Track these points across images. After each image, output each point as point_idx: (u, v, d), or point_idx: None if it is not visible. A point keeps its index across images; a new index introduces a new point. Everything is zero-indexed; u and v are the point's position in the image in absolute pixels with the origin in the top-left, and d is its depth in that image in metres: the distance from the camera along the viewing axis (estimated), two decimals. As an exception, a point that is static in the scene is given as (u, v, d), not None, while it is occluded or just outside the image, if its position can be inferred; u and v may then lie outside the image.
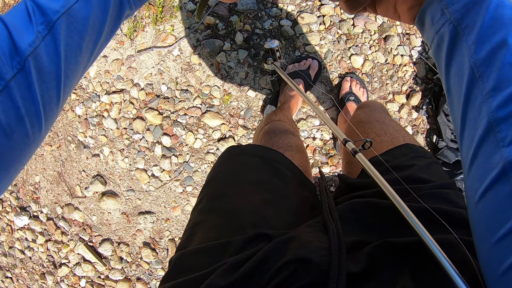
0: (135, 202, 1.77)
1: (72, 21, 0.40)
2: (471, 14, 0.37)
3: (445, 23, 0.39)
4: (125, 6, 0.47)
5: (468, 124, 0.36)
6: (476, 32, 0.36)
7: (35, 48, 0.37)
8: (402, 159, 0.67)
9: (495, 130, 0.32)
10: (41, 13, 0.38)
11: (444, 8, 0.39)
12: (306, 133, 1.62)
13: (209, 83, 1.62)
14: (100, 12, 0.43)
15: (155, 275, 1.81)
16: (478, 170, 0.33)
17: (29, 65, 0.37)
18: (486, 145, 0.33)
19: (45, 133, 0.41)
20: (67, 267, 1.88)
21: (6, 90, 0.35)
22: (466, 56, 0.36)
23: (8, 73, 0.35)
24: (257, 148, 0.81)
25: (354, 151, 0.57)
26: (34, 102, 0.37)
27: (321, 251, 0.44)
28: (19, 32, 0.37)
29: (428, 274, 0.40)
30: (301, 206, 0.65)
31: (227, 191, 0.65)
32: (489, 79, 0.34)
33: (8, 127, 0.35)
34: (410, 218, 0.42)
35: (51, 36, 0.38)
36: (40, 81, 0.38)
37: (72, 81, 0.43)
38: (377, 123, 0.86)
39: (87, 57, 0.45)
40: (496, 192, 0.30)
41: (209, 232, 0.56)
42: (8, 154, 0.36)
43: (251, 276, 0.44)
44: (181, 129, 1.67)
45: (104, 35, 0.46)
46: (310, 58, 1.52)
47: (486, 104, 0.33)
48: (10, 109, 0.35)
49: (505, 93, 0.32)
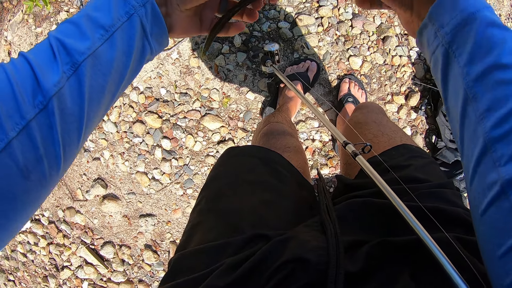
0: (136, 205, 1.78)
1: (97, 64, 0.39)
2: (461, 35, 0.37)
3: (438, 45, 0.40)
4: (147, 51, 0.47)
5: (466, 142, 0.37)
6: (468, 53, 0.36)
7: (60, 89, 0.36)
8: (399, 159, 0.68)
9: (490, 150, 0.32)
10: (67, 53, 0.37)
11: (436, 31, 0.40)
12: (305, 135, 1.63)
13: (208, 86, 1.63)
14: (124, 56, 0.43)
15: (157, 277, 1.81)
16: (479, 187, 0.34)
17: (53, 105, 0.35)
18: (484, 164, 0.33)
19: (62, 173, 0.40)
20: (69, 270, 1.88)
21: (26, 130, 0.34)
22: (459, 77, 0.37)
23: (29, 113, 0.34)
24: (256, 149, 0.81)
25: (354, 154, 0.57)
26: (54, 143, 0.36)
27: (319, 251, 0.44)
28: (43, 71, 0.36)
29: (428, 272, 0.41)
30: (300, 206, 0.66)
31: (225, 192, 0.66)
32: (482, 100, 0.34)
33: (25, 168, 0.34)
34: (409, 217, 0.43)
35: (76, 77, 0.38)
36: (62, 122, 0.37)
37: (93, 122, 0.42)
38: (374, 124, 0.87)
39: (109, 99, 0.44)
40: (497, 209, 0.31)
41: (208, 233, 0.57)
42: (23, 196, 0.35)
43: (250, 277, 0.44)
44: (180, 132, 1.67)
45: (126, 78, 0.45)
46: (308, 60, 1.53)
47: (481, 125, 0.34)
48: (29, 150, 0.34)
49: (499, 114, 0.33)
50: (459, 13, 0.37)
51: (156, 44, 0.47)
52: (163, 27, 0.47)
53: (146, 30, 0.44)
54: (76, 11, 1.70)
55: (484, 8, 0.37)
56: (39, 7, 1.64)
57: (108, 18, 0.40)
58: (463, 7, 0.37)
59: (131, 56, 0.43)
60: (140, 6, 0.42)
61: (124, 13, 0.41)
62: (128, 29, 0.42)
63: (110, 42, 0.40)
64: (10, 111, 0.33)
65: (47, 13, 1.72)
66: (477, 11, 0.36)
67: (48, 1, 1.57)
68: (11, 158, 0.32)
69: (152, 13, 0.44)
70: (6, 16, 1.78)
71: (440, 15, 0.39)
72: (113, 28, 0.40)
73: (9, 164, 0.33)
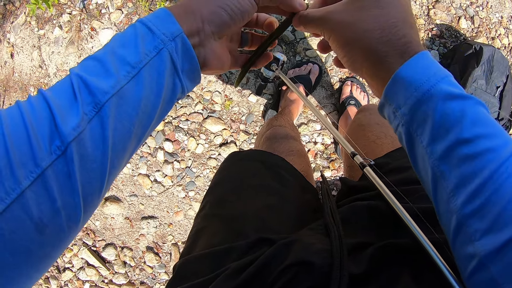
0: (138, 207, 1.78)
1: (122, 104, 0.35)
2: (419, 115, 0.36)
3: (398, 124, 0.39)
4: (178, 89, 0.42)
5: (441, 215, 0.37)
6: (429, 133, 0.36)
7: (80, 133, 0.32)
8: (402, 161, 0.68)
9: (465, 225, 0.32)
10: (89, 92, 0.33)
11: (394, 111, 0.39)
12: (307, 138, 1.63)
13: (210, 89, 1.63)
14: (153, 95, 0.38)
15: (159, 279, 1.81)
16: (460, 255, 0.34)
17: (72, 151, 0.31)
18: (460, 238, 0.33)
19: (81, 226, 0.36)
20: (71, 272, 1.88)
21: (41, 179, 0.30)
22: (425, 155, 0.36)
23: (45, 160, 0.30)
24: (259, 153, 0.81)
25: (362, 165, 0.57)
26: (73, 193, 0.32)
27: (323, 254, 0.44)
28: (62, 114, 0.32)
29: (429, 274, 0.41)
30: (303, 210, 0.66)
31: (229, 196, 0.66)
32: (450, 178, 0.34)
33: (40, 221, 0.30)
34: (408, 221, 0.43)
35: (99, 119, 0.33)
36: (82, 170, 0.33)
37: (117, 169, 0.38)
38: (377, 126, 0.87)
39: (134, 143, 0.39)
40: (480, 278, 0.31)
41: (212, 238, 0.57)
42: (38, 251, 0.31)
43: (254, 281, 0.45)
44: (183, 134, 1.67)
45: (155, 119, 0.41)
46: (310, 62, 1.53)
47: (452, 202, 0.34)
48: (44, 202, 0.30)
49: (468, 190, 0.32)
50: (414, 92, 0.36)
51: (187, 81, 0.43)
52: (194, 62, 0.42)
53: (176, 66, 0.40)
54: (78, 13, 1.71)
55: (439, 82, 0.35)
56: (42, 9, 1.65)
57: (135, 54, 0.37)
58: (417, 85, 0.36)
59: (161, 95, 0.39)
60: (170, 40, 0.38)
61: (152, 48, 0.37)
62: (157, 65, 0.38)
63: (137, 80, 0.36)
64: (23, 158, 0.29)
65: (49, 16, 1.73)
66: (432, 87, 0.35)
67: (50, 4, 1.58)
68: (24, 210, 0.29)
69: (183, 48, 0.40)
70: (9, 18, 1.79)
71: (394, 95, 0.38)
72: (141, 64, 0.37)
73: (22, 217, 0.29)
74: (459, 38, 1.61)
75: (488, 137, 0.33)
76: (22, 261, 0.30)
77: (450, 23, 1.62)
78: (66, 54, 1.74)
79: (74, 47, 1.73)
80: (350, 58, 0.43)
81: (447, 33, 1.61)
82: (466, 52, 1.45)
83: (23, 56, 1.80)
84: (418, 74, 0.36)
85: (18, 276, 0.30)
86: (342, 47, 0.43)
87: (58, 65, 1.75)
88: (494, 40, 1.64)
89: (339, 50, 0.44)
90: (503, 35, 1.65)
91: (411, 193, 0.54)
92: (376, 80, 0.41)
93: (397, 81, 0.37)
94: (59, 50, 1.75)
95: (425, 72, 0.36)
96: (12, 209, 0.28)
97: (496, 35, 1.65)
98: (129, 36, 0.38)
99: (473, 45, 1.45)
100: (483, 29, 1.63)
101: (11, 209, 0.28)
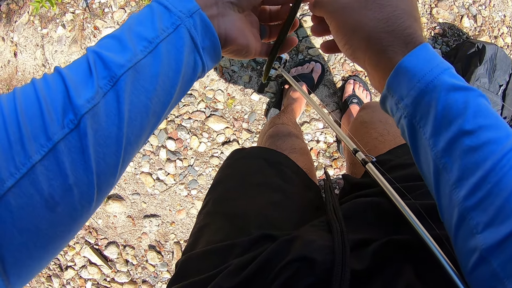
0: (140, 206, 1.79)
1: (139, 78, 0.34)
2: (422, 106, 0.36)
3: (401, 116, 0.39)
4: (199, 67, 0.41)
5: (443, 209, 0.37)
6: (431, 124, 0.35)
7: (94, 106, 0.31)
8: (405, 158, 0.68)
9: (467, 218, 0.32)
10: (104, 67, 0.33)
11: (397, 103, 0.39)
12: (310, 136, 1.63)
13: (212, 87, 1.63)
14: (171, 71, 0.37)
15: (161, 278, 1.81)
16: (461, 250, 0.34)
17: (85, 124, 0.30)
18: (462, 231, 0.33)
19: (96, 206, 0.34)
20: (73, 270, 1.89)
21: (53, 153, 0.29)
22: (427, 147, 0.36)
23: (56, 133, 0.29)
24: (262, 150, 0.81)
25: (364, 162, 0.57)
26: (86, 169, 0.31)
27: (325, 250, 0.44)
28: (77, 87, 0.31)
29: (432, 270, 0.41)
30: (306, 207, 0.66)
31: (232, 194, 0.66)
32: (452, 170, 0.34)
33: (51, 198, 0.29)
34: (410, 217, 0.43)
35: (114, 92, 0.32)
36: (97, 145, 0.31)
37: (134, 148, 0.37)
38: (380, 123, 0.87)
39: (153, 121, 0.38)
40: (481, 272, 0.31)
41: (215, 234, 0.57)
42: (48, 230, 0.30)
43: (256, 277, 0.45)
44: (185, 133, 1.68)
45: (174, 97, 0.40)
46: (313, 61, 1.53)
47: (454, 194, 0.34)
48: (55, 177, 0.29)
49: (470, 183, 0.32)
50: (417, 83, 0.36)
51: (208, 59, 0.42)
52: (215, 39, 0.41)
53: (196, 43, 0.39)
54: (82, 12, 1.71)
55: (442, 73, 0.35)
56: (46, 8, 1.65)
57: (152, 30, 0.36)
58: (420, 76, 0.36)
59: (180, 71, 0.38)
60: (187, 17, 0.38)
61: (169, 24, 0.37)
62: (175, 41, 0.37)
63: (154, 55, 0.36)
64: (35, 131, 0.29)
65: (52, 15, 1.73)
66: (435, 78, 0.35)
67: (54, 2, 1.58)
68: (33, 186, 0.28)
69: (202, 24, 0.39)
70: (13, 18, 1.80)
71: (397, 86, 0.38)
72: (158, 39, 0.36)
73: (31, 193, 0.28)
74: (462, 36, 1.61)
75: (491, 128, 0.33)
76: (30, 240, 0.29)
77: (453, 22, 1.61)
78: (69, 53, 1.75)
79: (77, 46, 1.73)
80: (352, 46, 0.43)
81: (450, 32, 1.61)
82: (469, 51, 1.44)
83: (26, 55, 1.81)
84: (421, 65, 0.36)
85: (25, 258, 0.29)
86: (345, 34, 0.43)
87: (61, 64, 1.76)
88: (497, 38, 1.64)
89: (341, 37, 0.44)
90: (506, 33, 1.65)
91: (413, 190, 0.54)
92: (378, 70, 0.41)
93: (400, 72, 0.37)
94: (62, 49, 1.75)
95: (428, 63, 0.36)
96: (21, 184, 0.27)
97: (499, 33, 1.64)
98: (146, 14, 0.38)
99: (475, 43, 1.44)
100: (485, 27, 1.62)
101: (20, 184, 0.27)
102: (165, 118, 0.41)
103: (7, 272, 0.28)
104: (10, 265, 0.28)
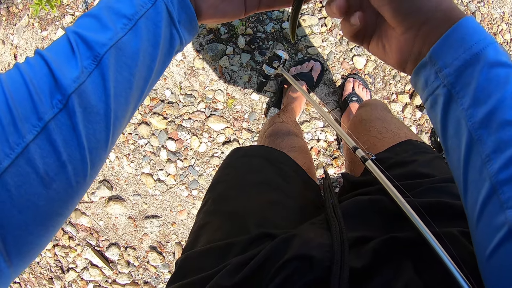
0: (141, 207, 1.79)
1: (121, 55, 0.36)
2: (464, 76, 0.36)
3: (439, 86, 0.38)
4: (176, 40, 0.42)
5: (470, 185, 0.36)
6: (471, 95, 0.35)
7: (80, 85, 0.33)
8: (404, 155, 0.68)
9: (498, 192, 0.32)
10: (87, 47, 0.34)
11: (437, 71, 0.38)
12: (310, 135, 1.63)
13: (212, 87, 1.63)
14: (151, 46, 0.39)
15: (162, 279, 1.81)
16: (485, 228, 0.33)
17: (73, 103, 0.32)
18: (490, 206, 0.33)
19: (90, 181, 0.36)
20: (74, 272, 1.89)
21: (45, 132, 0.31)
22: (462, 119, 0.36)
23: (47, 113, 0.31)
24: (261, 149, 0.81)
25: (363, 159, 0.57)
26: (78, 146, 0.33)
27: (324, 248, 0.44)
28: (61, 68, 0.32)
29: (432, 267, 0.41)
30: (305, 205, 0.66)
31: (232, 192, 0.66)
32: (488, 142, 0.34)
33: (46, 175, 0.31)
34: (410, 214, 0.43)
35: (99, 71, 0.34)
36: (86, 122, 0.33)
37: (121, 122, 0.39)
38: (379, 121, 0.87)
39: (137, 96, 0.40)
40: (506, 251, 0.31)
41: (214, 233, 0.57)
42: (46, 207, 0.32)
43: (255, 275, 0.45)
44: (185, 133, 1.68)
45: (155, 71, 0.41)
46: (312, 60, 1.53)
47: (487, 167, 0.33)
48: (49, 155, 0.31)
49: (506, 155, 0.32)
50: (462, 54, 0.36)
51: (185, 32, 0.43)
52: (190, 12, 0.42)
53: (173, 17, 0.40)
54: (81, 14, 1.71)
55: (488, 46, 0.35)
56: (45, 10, 1.65)
57: (130, 6, 0.37)
58: (467, 47, 0.36)
59: (158, 46, 0.40)
60: None
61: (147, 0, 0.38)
62: (153, 16, 0.38)
63: (134, 31, 0.37)
64: (26, 113, 0.30)
65: (52, 17, 1.74)
66: (480, 51, 0.35)
67: (53, 5, 1.58)
68: (29, 164, 0.30)
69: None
70: (12, 20, 1.80)
71: (442, 54, 0.38)
72: (137, 15, 0.37)
73: (27, 171, 0.30)
74: (462, 34, 1.60)
75: None
76: (29, 217, 0.30)
77: (452, 19, 1.61)
78: (68, 54, 1.75)
79: (77, 47, 1.73)
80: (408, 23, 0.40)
81: (449, 29, 1.60)
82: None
83: (26, 57, 1.81)
84: (468, 36, 0.36)
85: (26, 235, 0.31)
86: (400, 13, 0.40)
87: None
88: (496, 35, 1.63)
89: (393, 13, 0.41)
90: (505, 30, 1.64)
91: (412, 188, 0.54)
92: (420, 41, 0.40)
93: (447, 41, 0.37)
94: (61, 51, 1.75)
95: (474, 35, 0.36)
96: (17, 163, 0.29)
97: (498, 30, 1.64)
98: None
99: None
100: (484, 24, 1.62)
101: (16, 163, 0.29)
102: (147, 93, 0.43)
103: (9, 253, 0.29)
104: (11, 246, 0.29)
